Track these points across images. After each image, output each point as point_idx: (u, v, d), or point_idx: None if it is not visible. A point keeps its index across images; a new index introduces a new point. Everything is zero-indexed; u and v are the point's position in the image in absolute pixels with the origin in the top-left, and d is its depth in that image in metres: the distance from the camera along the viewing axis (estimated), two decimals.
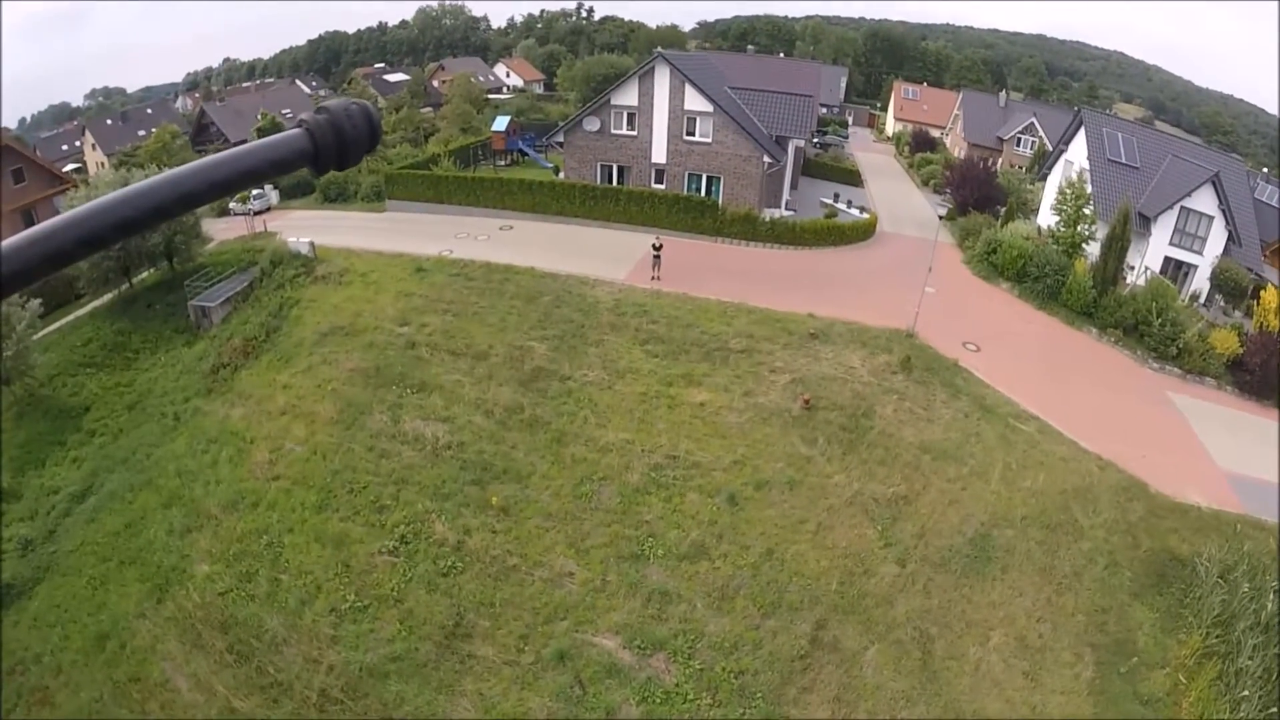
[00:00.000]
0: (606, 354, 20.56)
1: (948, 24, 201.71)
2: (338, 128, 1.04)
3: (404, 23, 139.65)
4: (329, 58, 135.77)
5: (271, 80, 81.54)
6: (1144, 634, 14.35)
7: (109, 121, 64.41)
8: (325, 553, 15.39)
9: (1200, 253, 33.16)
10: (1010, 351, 23.88)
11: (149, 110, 68.28)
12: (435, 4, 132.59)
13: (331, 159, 1.06)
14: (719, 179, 32.71)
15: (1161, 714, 13.01)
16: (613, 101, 32.16)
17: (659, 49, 35.67)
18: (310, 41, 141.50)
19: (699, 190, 33.08)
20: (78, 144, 67.18)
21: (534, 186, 32.79)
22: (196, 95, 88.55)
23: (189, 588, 16.11)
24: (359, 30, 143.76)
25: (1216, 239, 32.85)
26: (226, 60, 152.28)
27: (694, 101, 31.08)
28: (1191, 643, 14.20)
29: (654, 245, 26.31)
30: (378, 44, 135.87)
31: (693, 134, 31.95)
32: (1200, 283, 33.57)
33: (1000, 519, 16.00)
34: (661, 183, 33.32)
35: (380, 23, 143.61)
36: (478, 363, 20.25)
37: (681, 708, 12.08)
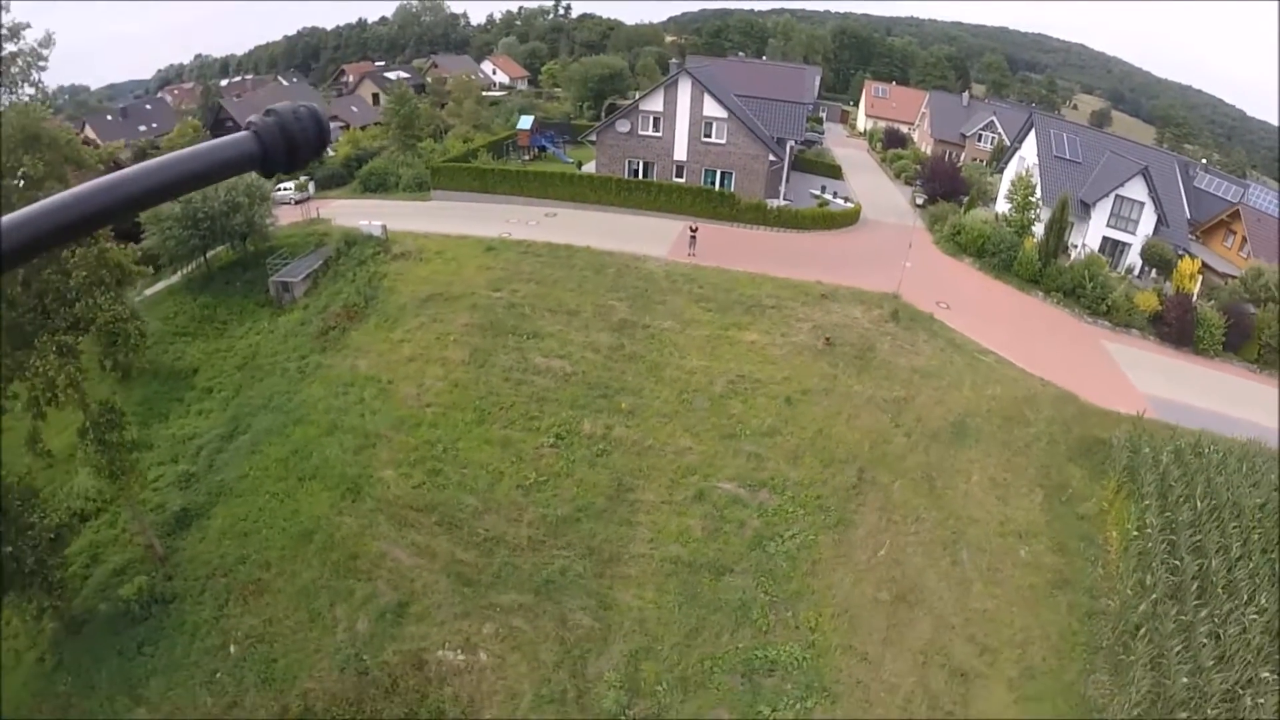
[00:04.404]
0: (672, 309, 28.15)
1: (912, 17, 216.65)
2: (286, 130, 1.13)
3: (384, 19, 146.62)
4: (308, 54, 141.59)
5: (250, 76, 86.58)
6: (1077, 480, 22.36)
7: (108, 117, 69.38)
8: (496, 451, 22.51)
9: (1133, 233, 42.48)
10: (973, 309, 31.97)
11: (148, 106, 73.74)
12: (415, 1, 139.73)
13: (280, 161, 1.14)
14: (731, 174, 40.66)
15: (1093, 526, 21.02)
16: (641, 107, 39.86)
17: (676, 62, 43.62)
18: (288, 38, 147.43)
19: (713, 184, 40.95)
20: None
21: (575, 179, 40.20)
22: (175, 91, 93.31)
23: (382, 486, 22.78)
24: (338, 26, 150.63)
25: (1147, 221, 42.12)
26: (198, 57, 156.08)
27: (711, 108, 38.97)
28: (1110, 484, 22.41)
29: (690, 229, 34.07)
30: (358, 41, 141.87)
31: (709, 136, 39.84)
32: (1134, 258, 42.99)
33: (971, 412, 24.08)
34: (681, 177, 41.08)
35: (360, 19, 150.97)
36: (573, 318, 27.62)
37: (787, 515, 19.78)
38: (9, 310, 17.78)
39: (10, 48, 18.41)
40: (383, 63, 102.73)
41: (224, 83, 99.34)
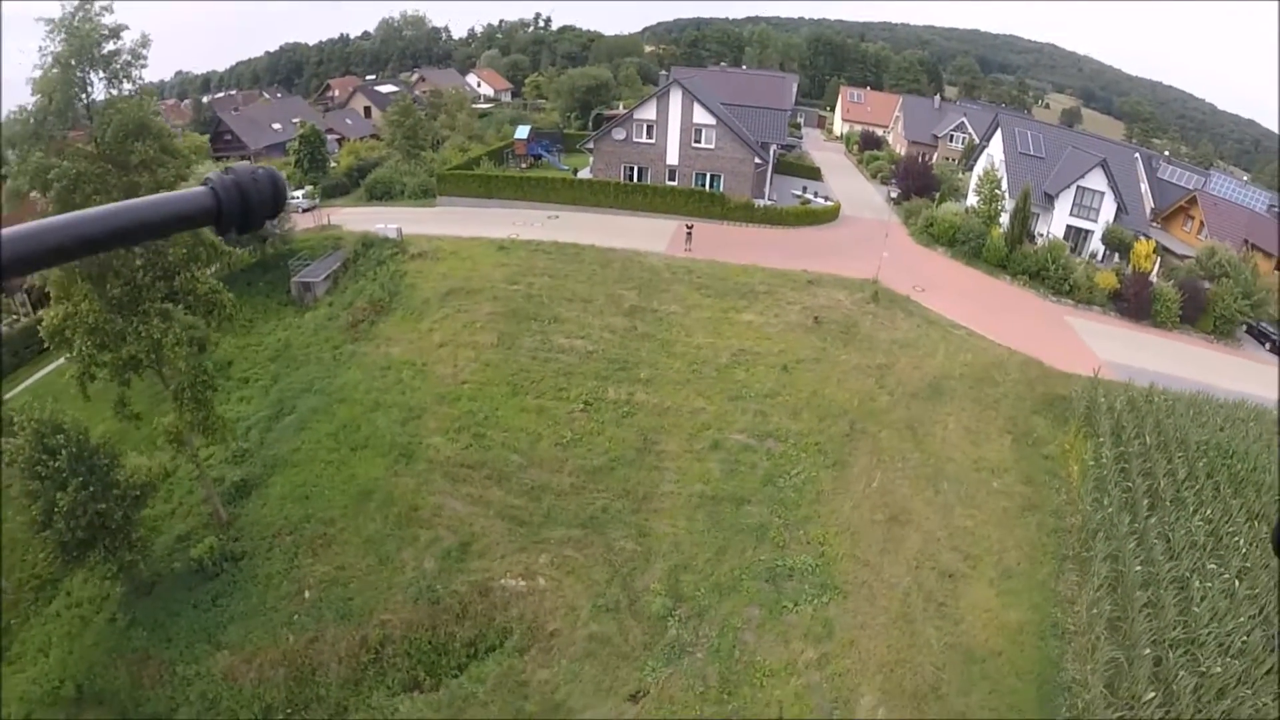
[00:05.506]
0: (676, 296, 31.95)
1: (885, 22, 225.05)
2: (243, 190, 1.16)
3: (366, 34, 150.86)
4: (291, 69, 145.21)
5: (236, 91, 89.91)
6: (1041, 428, 26.22)
7: None
8: (533, 417, 26.08)
9: (1095, 221, 47.13)
10: (946, 291, 35.86)
11: None
12: (397, 15, 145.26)
13: (234, 220, 1.17)
14: (720, 176, 44.75)
15: (1056, 464, 24.92)
16: (635, 116, 43.92)
17: (666, 74, 47.84)
18: (269, 53, 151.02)
19: (704, 186, 44.98)
20: None
21: (575, 184, 44.08)
22: (162, 107, 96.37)
23: (432, 450, 26.10)
24: (320, 42, 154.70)
25: (1108, 209, 46.72)
26: (179, 73, 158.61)
27: (701, 116, 43.10)
28: (1071, 429, 26.40)
29: (686, 226, 38.06)
30: (340, 55, 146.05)
31: (699, 141, 43.93)
32: (1097, 244, 47.65)
33: (946, 375, 28.03)
34: (674, 180, 45.09)
35: (342, 34, 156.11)
36: (588, 305, 31.32)
37: (791, 458, 23.56)
38: (114, 279, 20.68)
39: (110, 46, 20.54)
40: (373, 77, 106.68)
41: (205, 99, 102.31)
